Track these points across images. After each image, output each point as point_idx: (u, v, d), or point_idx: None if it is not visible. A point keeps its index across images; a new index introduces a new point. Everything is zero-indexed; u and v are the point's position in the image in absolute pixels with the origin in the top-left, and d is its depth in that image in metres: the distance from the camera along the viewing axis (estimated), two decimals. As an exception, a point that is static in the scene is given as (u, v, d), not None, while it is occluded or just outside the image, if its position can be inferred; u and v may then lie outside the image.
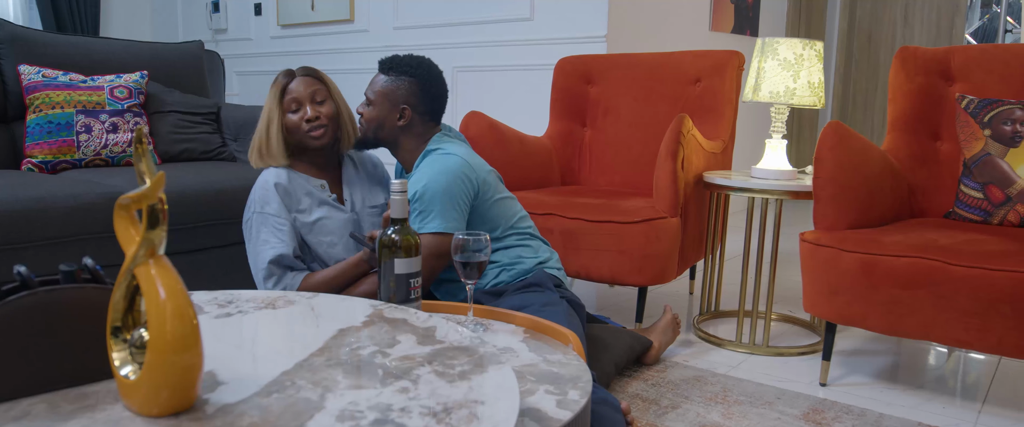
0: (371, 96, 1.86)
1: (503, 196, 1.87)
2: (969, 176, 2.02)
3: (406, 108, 1.83)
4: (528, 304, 1.64)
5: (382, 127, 1.85)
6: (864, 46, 5.31)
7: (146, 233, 0.80)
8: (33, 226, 1.86)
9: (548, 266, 1.84)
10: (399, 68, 1.84)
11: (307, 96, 1.83)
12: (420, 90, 1.84)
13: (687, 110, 2.64)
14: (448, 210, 1.71)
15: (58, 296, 0.87)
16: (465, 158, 1.78)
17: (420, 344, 1.04)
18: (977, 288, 1.62)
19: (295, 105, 1.82)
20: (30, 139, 2.31)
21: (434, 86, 1.86)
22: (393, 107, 1.83)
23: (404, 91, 1.83)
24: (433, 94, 1.86)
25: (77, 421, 0.80)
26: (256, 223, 1.79)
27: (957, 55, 2.21)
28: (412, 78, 1.83)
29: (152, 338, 0.79)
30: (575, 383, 1.14)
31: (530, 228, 1.91)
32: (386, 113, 1.84)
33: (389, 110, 1.84)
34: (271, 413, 0.81)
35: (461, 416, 0.81)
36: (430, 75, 1.86)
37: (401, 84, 1.83)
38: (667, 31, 3.73)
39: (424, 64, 1.86)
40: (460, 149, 1.81)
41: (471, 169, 1.77)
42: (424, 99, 1.85)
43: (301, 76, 1.86)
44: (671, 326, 2.09)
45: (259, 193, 1.82)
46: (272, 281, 1.75)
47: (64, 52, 2.53)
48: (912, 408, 1.79)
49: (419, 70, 1.84)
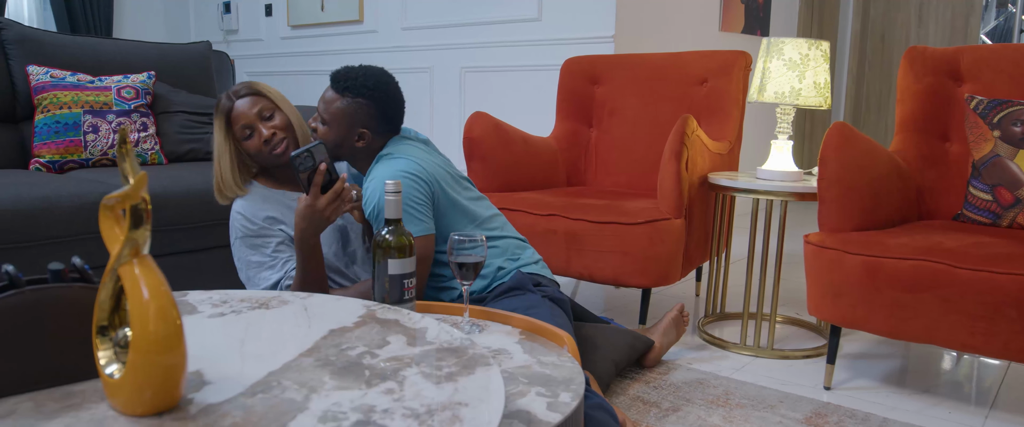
0: (326, 116, 1.73)
1: (467, 197, 1.81)
2: (978, 178, 1.99)
3: (365, 131, 1.74)
4: (511, 310, 1.62)
5: (339, 147, 1.75)
6: (877, 47, 5.26)
7: (130, 233, 0.80)
8: (38, 225, 1.88)
9: (526, 267, 1.79)
10: (354, 89, 1.71)
11: (255, 116, 1.74)
12: (378, 112, 1.73)
13: (693, 111, 2.62)
14: (410, 213, 1.65)
15: (45, 295, 0.87)
16: (412, 159, 1.70)
17: (410, 345, 1.04)
18: (983, 292, 1.59)
19: (247, 131, 1.74)
20: (38, 139, 2.33)
21: (392, 106, 1.76)
22: (350, 130, 1.73)
23: (362, 114, 1.72)
24: (391, 115, 1.76)
25: (61, 420, 0.80)
26: (243, 246, 1.76)
27: (966, 55, 2.18)
28: (369, 101, 1.72)
29: (135, 338, 0.79)
30: (567, 385, 1.13)
31: (500, 228, 1.85)
32: (343, 135, 1.73)
33: (346, 132, 1.73)
34: (254, 413, 0.81)
35: (444, 418, 0.81)
36: (387, 95, 1.75)
37: (359, 107, 1.71)
38: (676, 31, 3.71)
39: (380, 83, 1.74)
40: (410, 152, 1.73)
41: (421, 169, 1.69)
42: (382, 121, 1.75)
43: (240, 98, 1.76)
44: (675, 325, 2.06)
45: (238, 221, 1.77)
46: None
47: (72, 53, 2.55)
48: (917, 413, 1.77)
49: (376, 92, 1.72)
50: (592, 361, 1.75)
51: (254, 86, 1.79)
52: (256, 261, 1.76)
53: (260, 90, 1.78)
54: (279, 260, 1.77)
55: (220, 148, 1.76)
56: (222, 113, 1.76)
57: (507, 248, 1.82)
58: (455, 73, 3.89)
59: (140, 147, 2.44)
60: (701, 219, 2.33)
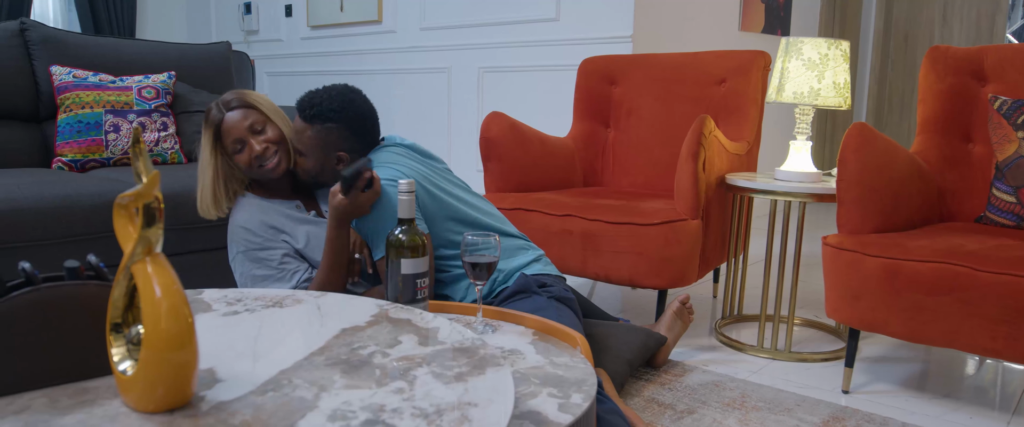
0: (301, 147, 1.73)
1: (457, 198, 1.78)
2: (1001, 179, 1.96)
3: (342, 153, 1.74)
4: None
5: (323, 172, 1.76)
6: (900, 47, 5.19)
7: (142, 231, 0.80)
8: (59, 223, 1.90)
9: (527, 268, 1.77)
10: (322, 115, 1.70)
11: (245, 130, 1.71)
12: (350, 132, 1.73)
13: (711, 111, 2.60)
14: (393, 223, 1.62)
15: (60, 292, 0.89)
16: (391, 166, 1.68)
17: (421, 345, 1.04)
18: (1005, 295, 1.57)
19: (238, 145, 1.72)
20: (61, 138, 2.36)
21: (362, 123, 1.75)
22: (328, 156, 1.73)
23: (334, 138, 1.72)
24: (364, 131, 1.75)
25: (75, 416, 0.81)
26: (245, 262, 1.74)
27: (990, 55, 2.15)
28: (338, 123, 1.71)
29: (147, 335, 0.79)
30: (579, 386, 1.12)
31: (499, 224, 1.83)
32: (322, 162, 1.74)
33: (325, 159, 1.74)
34: (264, 411, 0.81)
35: (452, 418, 0.81)
36: (354, 114, 1.73)
37: (329, 132, 1.71)
38: (695, 31, 3.69)
39: (345, 103, 1.72)
40: (389, 159, 1.72)
41: (400, 174, 1.66)
42: (356, 138, 1.75)
43: (231, 110, 1.73)
44: (680, 315, 2.04)
45: (239, 235, 1.75)
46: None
47: (94, 53, 2.59)
48: (937, 418, 1.74)
49: (342, 113, 1.71)
50: (605, 361, 1.75)
51: (245, 98, 1.75)
52: (262, 275, 1.74)
53: (251, 102, 1.74)
54: (287, 271, 1.74)
55: (205, 162, 1.72)
56: (211, 125, 1.71)
57: (505, 249, 1.80)
58: (473, 73, 3.90)
59: (160, 146, 2.47)
60: (718, 220, 2.31)
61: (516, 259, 1.79)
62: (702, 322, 2.46)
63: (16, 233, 1.84)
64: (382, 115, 4.32)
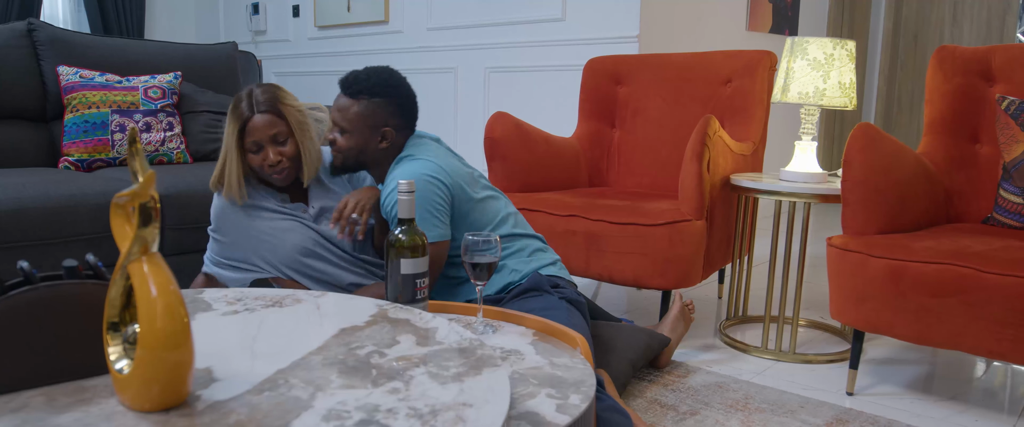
0: (345, 124, 1.72)
1: (486, 196, 1.79)
2: (1009, 180, 1.94)
3: (387, 130, 1.73)
4: (528, 311, 1.62)
5: (364, 152, 1.75)
6: (910, 47, 5.16)
7: (138, 230, 0.81)
8: (64, 222, 1.91)
9: (543, 268, 1.78)
10: (369, 90, 1.70)
11: (268, 138, 1.73)
12: (396, 108, 1.73)
13: (717, 111, 2.59)
14: (427, 217, 1.65)
15: (59, 291, 0.89)
16: (435, 161, 1.70)
17: (419, 345, 1.04)
18: (1011, 297, 1.55)
19: (256, 147, 1.74)
20: (67, 138, 2.37)
21: (407, 99, 1.76)
22: (373, 132, 1.72)
23: (382, 113, 1.72)
24: (408, 107, 1.76)
25: (71, 414, 0.81)
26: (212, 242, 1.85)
27: (998, 54, 2.13)
28: (386, 98, 1.72)
29: (142, 334, 0.80)
30: (578, 387, 1.12)
31: (519, 226, 1.83)
32: (366, 139, 1.73)
33: (369, 136, 1.72)
34: (259, 411, 0.82)
35: (447, 419, 0.80)
36: (401, 89, 1.75)
37: (376, 106, 1.71)
38: (702, 31, 3.68)
39: (392, 79, 1.74)
40: (430, 152, 1.73)
41: (440, 171, 1.68)
42: (402, 115, 1.75)
43: (261, 113, 1.73)
44: (682, 316, 2.04)
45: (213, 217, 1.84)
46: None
47: (101, 53, 2.60)
48: (942, 420, 1.73)
49: (390, 88, 1.72)
50: (608, 362, 1.74)
51: (277, 104, 1.75)
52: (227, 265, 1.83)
53: (282, 111, 1.75)
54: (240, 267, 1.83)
55: (228, 150, 1.76)
56: (239, 120, 1.73)
57: (523, 248, 1.81)
58: (480, 73, 3.90)
59: (166, 146, 2.48)
60: (723, 221, 2.30)
61: (533, 262, 1.79)
62: (707, 323, 2.45)
63: (22, 232, 1.85)
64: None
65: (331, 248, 1.82)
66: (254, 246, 1.80)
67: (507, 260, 1.78)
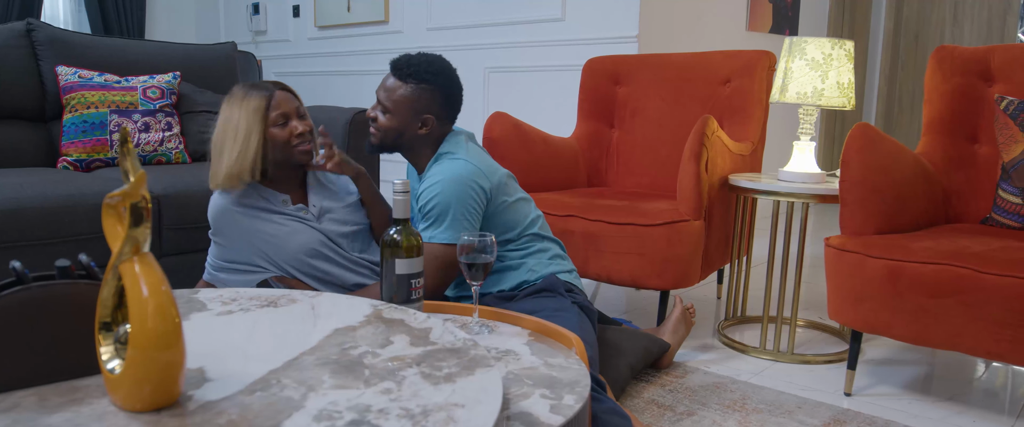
0: (388, 104, 1.74)
1: (517, 198, 1.82)
2: (1007, 180, 1.94)
3: (429, 117, 1.74)
4: (540, 309, 1.62)
5: (402, 135, 1.76)
6: (911, 47, 5.15)
7: (130, 230, 0.81)
8: (62, 222, 1.92)
9: (560, 272, 1.79)
10: (418, 74, 1.73)
11: (293, 110, 1.77)
12: (442, 97, 1.75)
13: (716, 111, 2.59)
14: (460, 220, 1.67)
15: (51, 291, 0.89)
16: (477, 164, 1.72)
17: (413, 345, 1.04)
18: (1009, 298, 1.55)
19: (282, 119, 1.74)
20: (66, 138, 2.37)
21: (455, 90, 1.78)
22: (415, 116, 1.74)
23: (426, 99, 1.73)
24: (454, 99, 1.78)
25: (63, 414, 0.81)
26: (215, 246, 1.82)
27: (997, 54, 2.12)
28: (433, 86, 1.73)
29: (133, 334, 0.80)
30: (572, 388, 1.12)
31: (544, 229, 1.86)
32: (407, 123, 1.74)
33: (410, 120, 1.74)
34: (250, 411, 0.81)
35: (438, 419, 0.80)
36: (450, 80, 1.77)
37: (423, 92, 1.73)
38: (702, 31, 3.67)
39: (443, 68, 1.76)
40: (473, 154, 1.75)
41: (483, 176, 1.71)
42: (446, 106, 1.76)
43: (280, 90, 1.77)
44: (683, 320, 2.04)
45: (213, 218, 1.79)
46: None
47: (100, 53, 2.60)
48: (940, 420, 1.73)
49: (440, 77, 1.74)
50: (610, 366, 1.74)
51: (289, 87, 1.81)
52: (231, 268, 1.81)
53: (294, 93, 1.81)
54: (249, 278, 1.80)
55: (250, 129, 1.71)
56: (263, 95, 1.73)
57: (545, 250, 1.83)
58: (479, 73, 3.90)
59: (164, 146, 2.48)
60: (721, 221, 2.30)
61: (552, 265, 1.81)
62: (705, 323, 2.45)
63: (20, 232, 1.85)
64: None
65: (336, 249, 1.82)
66: (258, 247, 1.78)
67: (527, 259, 1.80)
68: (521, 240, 1.80)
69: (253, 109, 1.71)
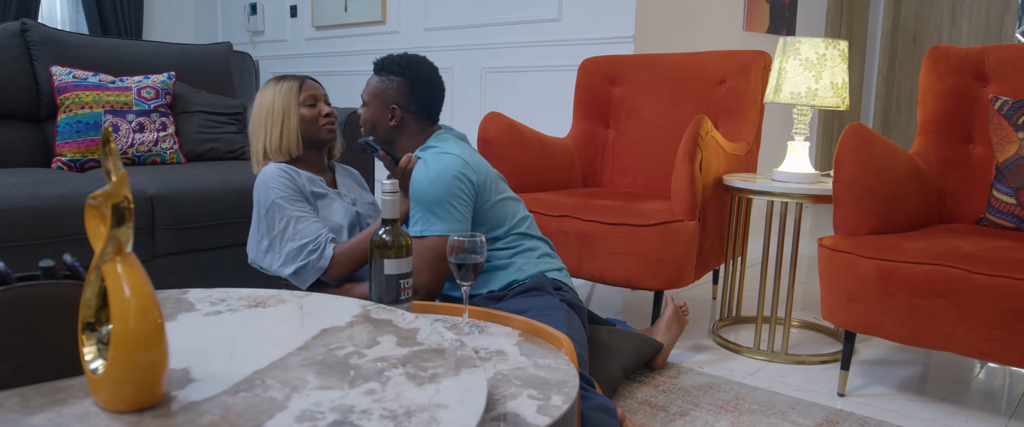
0: (365, 97, 1.85)
1: (504, 196, 1.83)
2: (1002, 181, 1.94)
3: (396, 108, 1.81)
4: (528, 308, 1.62)
5: (376, 128, 1.84)
6: (909, 47, 5.15)
7: (112, 231, 0.80)
8: (55, 223, 1.91)
9: (549, 271, 1.80)
10: (388, 67, 1.83)
11: (322, 96, 1.96)
12: (409, 89, 1.81)
13: (711, 111, 2.59)
14: (450, 211, 1.70)
15: (35, 292, 0.89)
16: (462, 157, 1.75)
17: (399, 345, 1.03)
18: (1001, 298, 1.55)
19: (311, 101, 1.91)
20: (60, 138, 2.37)
21: (424, 84, 1.82)
22: (384, 107, 1.82)
23: (393, 91, 1.81)
24: (422, 93, 1.82)
25: (45, 415, 0.81)
26: (281, 206, 1.80)
27: (992, 55, 2.12)
28: (400, 77, 1.81)
29: (115, 335, 0.79)
30: (560, 388, 1.12)
31: (531, 229, 1.87)
32: (378, 114, 1.83)
33: (380, 110, 1.82)
34: (233, 412, 0.81)
35: (421, 419, 0.80)
36: (419, 73, 1.82)
37: (390, 84, 1.81)
38: (698, 31, 3.67)
39: (413, 62, 1.83)
40: (458, 148, 1.78)
41: (470, 168, 1.74)
42: (414, 98, 1.82)
43: (309, 79, 1.95)
44: (676, 319, 2.04)
45: (276, 180, 1.82)
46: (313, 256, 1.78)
47: (95, 54, 2.60)
48: (933, 421, 1.72)
49: (408, 69, 1.82)
50: (602, 366, 1.74)
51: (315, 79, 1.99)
52: (298, 215, 1.81)
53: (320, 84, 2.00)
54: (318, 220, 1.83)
55: (286, 109, 1.89)
56: (295, 80, 1.93)
57: (533, 249, 1.84)
58: (476, 73, 3.89)
59: (159, 146, 2.48)
60: (716, 221, 2.30)
61: (541, 264, 1.81)
62: (700, 323, 2.45)
63: (12, 232, 1.85)
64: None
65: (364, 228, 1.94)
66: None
67: (516, 258, 1.80)
68: (508, 238, 1.80)
69: (286, 90, 1.90)
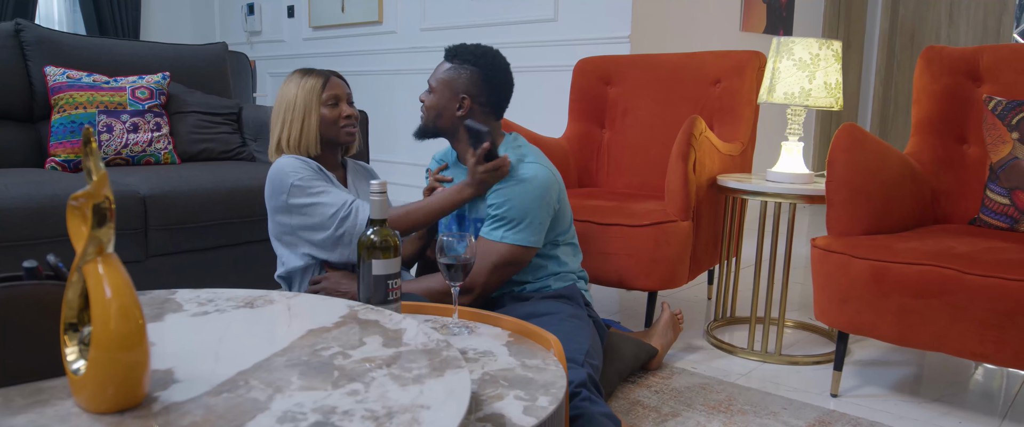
0: (433, 83, 1.81)
1: (567, 204, 1.86)
2: (995, 181, 1.93)
3: (466, 98, 1.77)
4: (556, 312, 1.64)
5: (441, 116, 1.80)
6: (906, 47, 5.15)
7: (93, 231, 0.80)
8: (47, 223, 1.91)
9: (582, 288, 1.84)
10: (463, 56, 1.79)
11: (345, 96, 1.89)
12: (482, 80, 1.78)
13: (706, 111, 2.59)
14: (536, 225, 1.71)
15: (17, 292, 0.88)
16: (552, 169, 1.77)
17: (385, 346, 1.03)
18: (994, 299, 1.54)
19: (333, 100, 1.85)
20: (54, 138, 2.37)
21: (497, 77, 1.80)
22: (453, 96, 1.78)
23: (465, 80, 1.77)
24: (495, 85, 1.80)
25: (26, 415, 0.81)
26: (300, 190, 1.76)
27: (986, 55, 2.12)
28: (475, 67, 1.78)
29: (96, 335, 0.79)
30: (548, 389, 1.11)
31: (575, 236, 1.91)
32: (446, 102, 1.78)
33: (449, 99, 1.78)
34: (214, 413, 0.81)
35: (402, 420, 0.80)
36: (494, 65, 1.79)
37: (463, 73, 1.78)
38: (695, 31, 3.67)
39: (489, 54, 1.81)
40: (542, 157, 1.80)
41: (557, 182, 1.76)
42: (485, 89, 1.78)
43: (335, 76, 1.90)
44: (670, 325, 2.04)
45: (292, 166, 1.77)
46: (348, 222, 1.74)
47: (89, 54, 2.60)
48: (926, 422, 1.72)
49: (483, 59, 1.79)
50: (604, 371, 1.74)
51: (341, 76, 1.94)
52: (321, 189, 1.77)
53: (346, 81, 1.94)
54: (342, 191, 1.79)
55: (307, 106, 1.83)
56: (318, 79, 1.86)
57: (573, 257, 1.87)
58: (472, 74, 3.89)
59: (153, 147, 2.47)
60: (710, 221, 2.30)
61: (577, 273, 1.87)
62: (695, 324, 2.44)
63: (6, 232, 1.85)
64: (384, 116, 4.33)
65: None
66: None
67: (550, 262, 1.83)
68: (561, 247, 1.84)
69: (309, 88, 1.84)
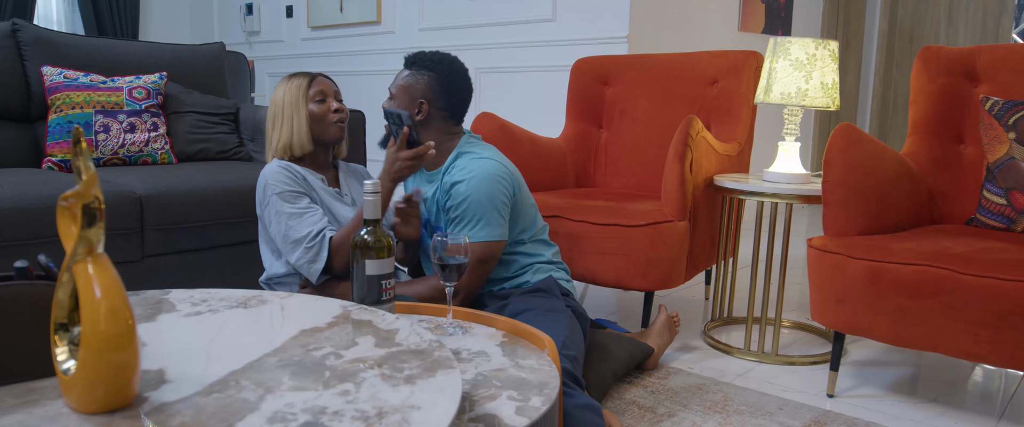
0: (393, 90, 1.84)
1: (528, 198, 1.86)
2: (992, 181, 1.93)
3: (424, 103, 1.79)
4: (531, 307, 1.63)
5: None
6: (905, 47, 5.14)
7: (82, 231, 0.80)
8: (43, 223, 1.91)
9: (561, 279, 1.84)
10: (421, 63, 1.82)
11: (333, 92, 1.93)
12: (439, 85, 1.80)
13: (704, 111, 2.58)
14: (494, 216, 1.72)
15: (8, 292, 0.88)
16: (501, 161, 1.77)
17: (377, 347, 1.03)
18: (989, 299, 1.54)
19: (320, 96, 1.88)
20: (51, 138, 2.37)
21: (454, 82, 1.82)
22: (411, 102, 1.80)
23: (422, 85, 1.80)
24: (452, 90, 1.82)
25: (15, 416, 0.81)
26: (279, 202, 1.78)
27: (983, 55, 2.12)
28: (432, 72, 1.80)
29: (85, 336, 0.79)
30: (541, 390, 1.11)
31: (545, 230, 1.92)
32: (406, 106, 1.81)
33: (408, 104, 1.81)
34: (204, 413, 0.81)
35: (392, 421, 0.80)
36: (450, 70, 1.82)
37: (421, 78, 1.80)
38: (693, 31, 3.67)
39: (445, 60, 1.83)
40: (494, 152, 1.81)
41: (508, 172, 1.77)
42: (442, 94, 1.81)
43: (322, 76, 1.93)
44: (667, 327, 2.04)
45: (277, 176, 1.80)
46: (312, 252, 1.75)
47: (86, 54, 2.60)
48: (921, 422, 1.72)
49: (440, 65, 1.81)
50: (593, 369, 1.74)
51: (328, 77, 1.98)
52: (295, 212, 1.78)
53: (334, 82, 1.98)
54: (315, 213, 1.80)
55: (296, 105, 1.87)
56: (306, 76, 1.91)
57: (551, 255, 1.88)
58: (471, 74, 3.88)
59: (150, 147, 2.47)
60: (707, 222, 2.29)
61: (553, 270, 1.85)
62: (692, 324, 2.44)
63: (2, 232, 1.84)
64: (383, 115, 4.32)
65: None
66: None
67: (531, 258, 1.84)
68: (529, 244, 1.84)
69: (296, 86, 1.88)
